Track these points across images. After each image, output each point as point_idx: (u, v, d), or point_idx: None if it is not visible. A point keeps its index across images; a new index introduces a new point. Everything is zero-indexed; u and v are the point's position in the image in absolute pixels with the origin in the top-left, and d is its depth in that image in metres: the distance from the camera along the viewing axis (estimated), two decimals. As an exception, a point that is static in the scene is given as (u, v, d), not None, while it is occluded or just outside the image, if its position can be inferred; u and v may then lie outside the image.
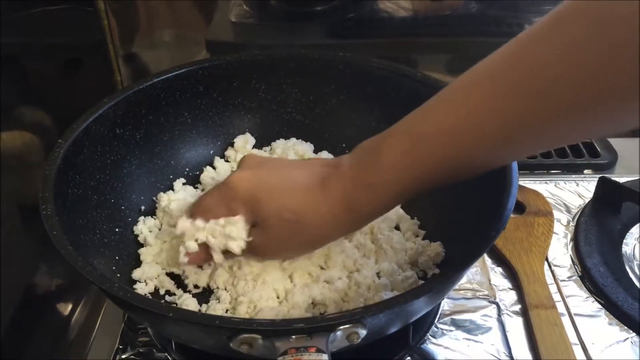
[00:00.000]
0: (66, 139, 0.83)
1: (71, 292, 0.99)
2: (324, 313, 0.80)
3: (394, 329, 0.72)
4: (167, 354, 0.84)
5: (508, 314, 0.89)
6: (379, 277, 0.85)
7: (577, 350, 0.83)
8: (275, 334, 0.61)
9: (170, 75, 0.96)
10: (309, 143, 1.03)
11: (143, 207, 0.94)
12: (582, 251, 0.96)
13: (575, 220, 1.03)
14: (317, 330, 0.61)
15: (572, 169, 1.15)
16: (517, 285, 0.93)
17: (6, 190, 0.94)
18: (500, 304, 0.90)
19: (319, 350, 0.59)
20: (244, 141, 1.02)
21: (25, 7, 1.06)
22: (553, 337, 0.84)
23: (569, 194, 1.09)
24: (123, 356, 0.85)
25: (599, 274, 0.92)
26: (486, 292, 0.92)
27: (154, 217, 0.94)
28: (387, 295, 0.80)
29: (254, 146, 1.03)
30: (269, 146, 1.03)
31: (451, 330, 0.87)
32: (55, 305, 0.99)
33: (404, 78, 0.96)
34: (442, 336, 0.86)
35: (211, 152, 1.03)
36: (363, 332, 0.62)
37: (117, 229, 0.89)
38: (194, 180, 1.00)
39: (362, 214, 0.71)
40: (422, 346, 0.85)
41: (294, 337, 0.61)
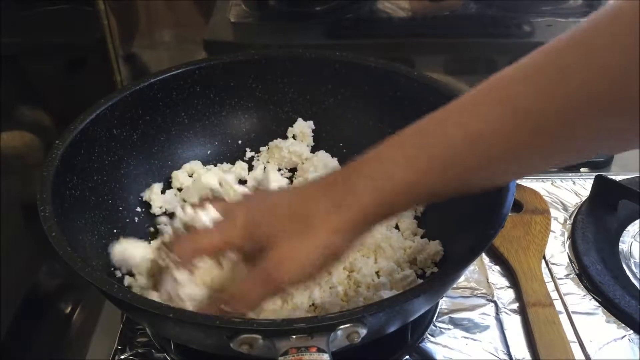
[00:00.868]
0: (63, 141, 0.83)
1: (71, 292, 1.00)
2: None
3: (393, 328, 0.72)
4: (165, 354, 0.84)
5: (506, 312, 0.89)
6: (378, 276, 0.85)
7: (575, 348, 0.83)
8: (275, 334, 0.61)
9: (167, 75, 0.97)
10: (305, 143, 1.03)
11: (140, 208, 0.94)
12: (579, 249, 0.96)
13: (572, 218, 1.03)
14: (317, 330, 0.61)
15: (569, 167, 1.15)
16: (514, 284, 0.93)
17: (6, 190, 0.94)
18: (498, 302, 0.91)
19: (319, 350, 0.59)
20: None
21: (25, 7, 1.06)
22: (551, 335, 0.85)
23: (566, 192, 1.09)
24: (122, 356, 0.85)
25: (596, 271, 0.92)
26: (484, 291, 0.92)
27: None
28: (386, 294, 0.80)
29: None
30: (266, 146, 1.03)
31: (449, 329, 0.87)
32: (55, 306, 0.99)
33: (401, 77, 0.96)
34: (440, 335, 0.86)
35: (208, 152, 1.03)
36: (363, 332, 0.63)
37: (115, 230, 0.89)
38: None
39: (368, 201, 0.66)
40: (420, 345, 0.85)
41: (294, 337, 0.61)
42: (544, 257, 0.97)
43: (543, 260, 0.96)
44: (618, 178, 1.05)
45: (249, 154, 1.03)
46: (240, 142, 1.04)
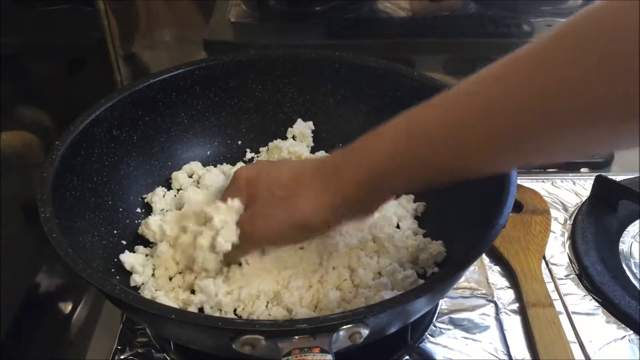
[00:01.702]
0: (63, 142, 0.83)
1: (71, 292, 1.00)
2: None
3: (394, 328, 0.73)
4: (165, 354, 0.84)
5: (506, 313, 0.89)
6: (380, 275, 0.85)
7: (575, 349, 0.84)
8: (278, 335, 0.61)
9: (166, 76, 0.96)
10: (305, 144, 1.03)
11: (140, 209, 0.94)
12: (579, 249, 0.96)
13: (572, 218, 1.03)
14: (320, 331, 0.61)
15: (569, 167, 1.16)
16: (514, 284, 0.93)
17: (6, 190, 0.94)
18: (498, 302, 0.91)
19: (322, 351, 0.59)
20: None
21: (25, 7, 1.06)
22: (551, 335, 0.85)
23: (566, 192, 1.09)
24: (122, 356, 0.85)
25: (596, 272, 0.92)
26: (484, 291, 0.92)
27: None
28: (388, 294, 0.80)
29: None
30: (266, 146, 1.03)
31: (449, 329, 0.87)
32: (56, 306, 0.99)
33: (401, 77, 0.96)
34: (440, 335, 0.86)
35: (208, 152, 1.03)
36: (365, 332, 0.63)
37: (115, 231, 0.88)
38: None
39: (345, 186, 0.70)
40: (420, 345, 0.85)
41: (297, 337, 0.61)
42: (544, 258, 0.97)
43: (543, 261, 0.96)
44: (618, 178, 1.05)
45: (249, 154, 1.03)
46: (240, 142, 1.04)
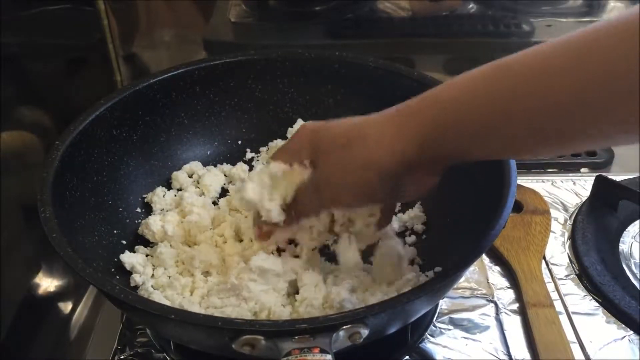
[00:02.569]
0: (63, 141, 0.83)
1: (71, 292, 1.00)
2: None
3: (394, 329, 0.73)
4: (165, 354, 0.84)
5: (506, 313, 0.89)
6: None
7: (575, 349, 0.84)
8: (278, 335, 0.61)
9: (166, 76, 0.97)
10: None
11: (140, 209, 0.94)
12: (579, 249, 0.96)
13: (573, 218, 1.03)
14: (320, 331, 0.61)
15: (569, 167, 1.16)
16: (514, 284, 0.93)
17: (6, 190, 0.94)
18: (498, 302, 0.91)
19: (322, 351, 0.59)
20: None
21: (25, 7, 1.06)
22: (551, 335, 0.85)
23: (566, 192, 1.09)
24: (122, 356, 0.85)
25: (597, 272, 0.92)
26: (484, 291, 0.92)
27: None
28: (388, 294, 0.80)
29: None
30: (266, 146, 1.03)
31: (449, 329, 0.87)
32: (56, 306, 0.99)
33: (401, 77, 0.96)
34: (440, 335, 0.86)
35: (208, 152, 1.03)
36: (365, 332, 0.63)
37: (115, 231, 0.89)
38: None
39: (413, 123, 0.66)
40: (420, 345, 0.85)
41: (296, 337, 0.61)
42: (544, 258, 0.97)
43: (543, 261, 0.96)
44: (618, 178, 1.05)
45: (249, 154, 1.03)
46: (240, 142, 1.04)
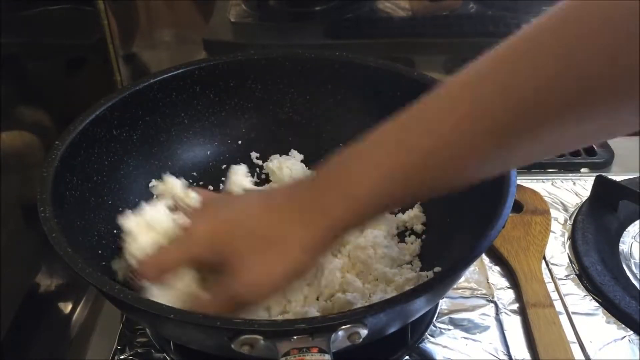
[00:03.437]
0: (63, 141, 0.83)
1: (71, 292, 1.00)
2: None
3: (394, 329, 0.72)
4: (165, 354, 0.84)
5: (506, 313, 0.89)
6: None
7: (575, 349, 0.84)
8: (276, 335, 0.61)
9: (166, 75, 0.96)
10: (302, 164, 1.02)
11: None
12: (579, 250, 0.96)
13: (573, 218, 1.03)
14: (318, 331, 0.61)
15: (569, 167, 1.16)
16: (514, 284, 0.93)
17: (6, 190, 0.94)
18: (498, 302, 0.91)
19: (321, 351, 0.59)
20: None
21: (25, 7, 1.06)
22: (551, 335, 0.85)
23: (566, 192, 1.09)
24: (122, 356, 0.85)
25: (597, 272, 0.92)
26: (484, 291, 0.92)
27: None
28: (387, 294, 0.80)
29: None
30: (266, 148, 1.04)
31: (449, 329, 0.87)
32: (56, 306, 0.99)
33: (401, 77, 0.96)
34: (440, 335, 0.86)
35: (208, 152, 1.03)
36: (364, 332, 0.63)
37: (115, 231, 0.88)
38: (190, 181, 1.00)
39: (339, 217, 0.64)
40: (420, 345, 0.85)
41: (295, 337, 0.61)
42: (544, 258, 0.97)
43: (543, 261, 0.96)
44: (618, 178, 1.05)
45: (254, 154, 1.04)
46: (240, 142, 1.04)
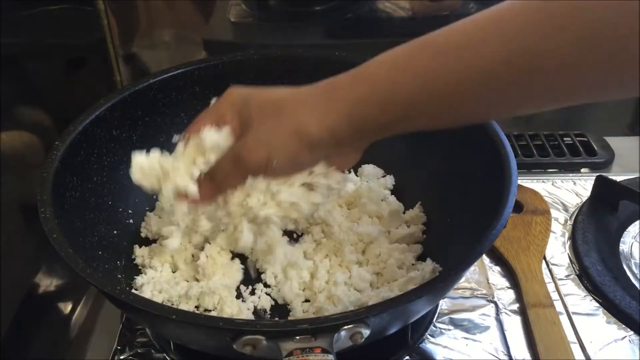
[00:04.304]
0: (63, 142, 0.83)
1: (71, 292, 1.00)
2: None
3: (395, 329, 0.73)
4: (165, 354, 0.84)
5: (506, 313, 0.89)
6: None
7: (575, 349, 0.83)
8: (279, 335, 0.61)
9: (166, 76, 0.97)
10: None
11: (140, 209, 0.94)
12: (579, 250, 0.96)
13: (573, 218, 1.03)
14: (321, 331, 0.61)
15: (570, 167, 1.16)
16: (515, 284, 0.93)
17: (6, 190, 0.94)
18: (498, 302, 0.91)
19: (324, 351, 0.59)
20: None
21: (26, 7, 1.06)
22: (551, 335, 0.85)
23: (566, 192, 1.09)
24: (122, 356, 0.85)
25: (597, 272, 0.92)
26: (484, 291, 0.92)
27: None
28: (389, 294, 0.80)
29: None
30: None
31: (449, 330, 0.87)
32: (55, 306, 0.99)
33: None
34: (440, 335, 0.86)
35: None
36: (366, 332, 0.63)
37: (115, 231, 0.89)
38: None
39: (344, 100, 0.66)
40: (420, 345, 0.85)
41: (297, 337, 0.61)
42: (545, 258, 0.97)
43: (543, 261, 0.96)
44: (618, 179, 1.05)
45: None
46: (239, 142, 1.04)
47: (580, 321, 0.88)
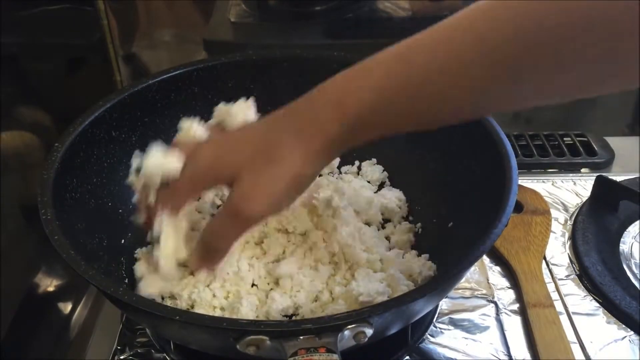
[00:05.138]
0: (62, 143, 0.83)
1: (71, 292, 1.00)
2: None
3: (397, 328, 0.73)
4: (165, 354, 0.84)
5: (506, 313, 0.89)
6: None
7: (575, 349, 0.83)
8: (283, 335, 0.61)
9: (165, 76, 0.96)
10: None
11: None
12: (579, 250, 0.96)
13: (573, 219, 1.03)
14: (325, 330, 0.61)
15: (570, 167, 1.16)
16: (515, 284, 0.93)
17: (6, 190, 0.94)
18: (498, 302, 0.91)
19: (329, 351, 0.59)
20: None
21: (25, 7, 1.06)
22: (551, 335, 0.85)
23: (567, 192, 1.09)
24: (122, 357, 0.85)
25: (597, 272, 0.92)
26: (484, 291, 0.92)
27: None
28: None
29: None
30: None
31: (450, 330, 0.87)
32: (55, 306, 0.99)
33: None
34: (440, 335, 0.86)
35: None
36: (370, 332, 0.63)
37: (115, 232, 0.88)
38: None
39: (322, 131, 0.65)
40: (421, 345, 0.85)
41: (302, 337, 0.61)
42: (545, 258, 0.97)
43: (543, 261, 0.96)
44: (619, 179, 1.05)
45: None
46: (239, 142, 1.03)
47: (580, 321, 0.88)
